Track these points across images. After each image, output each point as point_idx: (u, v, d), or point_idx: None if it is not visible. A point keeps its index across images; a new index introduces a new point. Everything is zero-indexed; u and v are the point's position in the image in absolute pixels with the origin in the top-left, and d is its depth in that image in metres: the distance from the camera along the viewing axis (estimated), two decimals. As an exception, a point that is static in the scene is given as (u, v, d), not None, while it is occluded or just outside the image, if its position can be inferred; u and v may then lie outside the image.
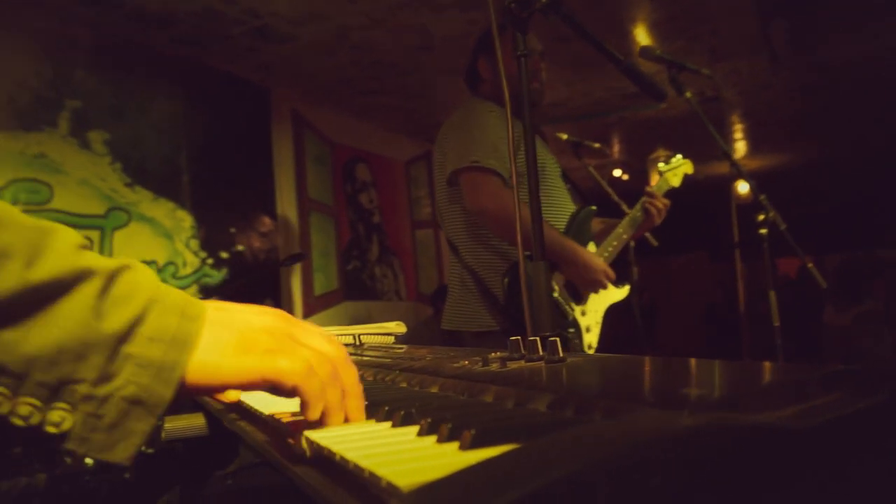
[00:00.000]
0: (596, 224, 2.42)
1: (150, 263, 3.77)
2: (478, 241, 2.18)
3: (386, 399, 0.62)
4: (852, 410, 0.42)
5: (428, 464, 0.38)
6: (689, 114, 2.23)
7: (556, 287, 2.11)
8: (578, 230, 2.21)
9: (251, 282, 4.33)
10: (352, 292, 5.19)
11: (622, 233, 2.33)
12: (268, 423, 0.67)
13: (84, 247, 0.55)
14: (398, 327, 1.34)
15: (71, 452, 0.51)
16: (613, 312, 2.33)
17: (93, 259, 0.54)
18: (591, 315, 2.18)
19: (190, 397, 0.57)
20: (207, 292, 4.03)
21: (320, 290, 4.89)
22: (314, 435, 0.51)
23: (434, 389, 0.69)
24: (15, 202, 3.19)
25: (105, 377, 0.51)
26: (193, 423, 1.11)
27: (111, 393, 0.51)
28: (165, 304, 0.56)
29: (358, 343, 1.24)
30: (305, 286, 4.74)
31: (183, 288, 3.97)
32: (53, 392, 0.50)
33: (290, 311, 4.53)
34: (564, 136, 3.16)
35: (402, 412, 0.52)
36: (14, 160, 3.22)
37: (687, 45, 4.29)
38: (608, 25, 3.99)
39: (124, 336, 0.52)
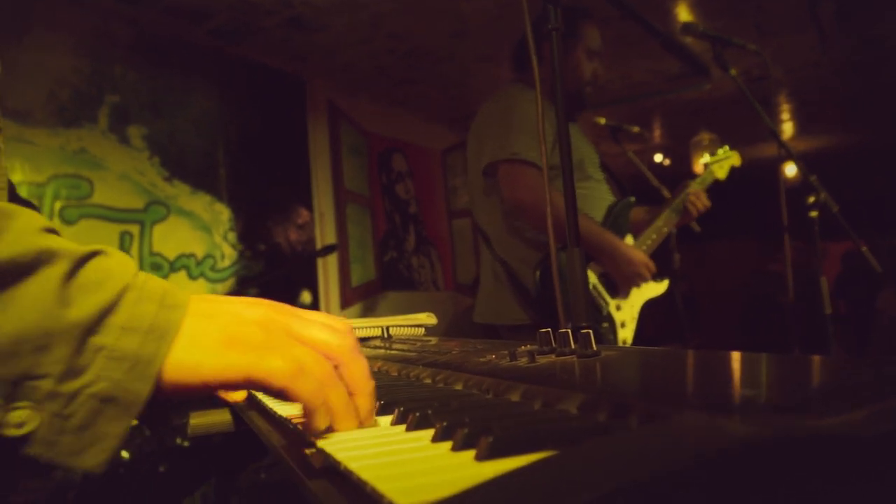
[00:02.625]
0: (639, 213, 2.34)
1: (188, 256, 3.80)
2: (511, 234, 2.13)
3: (403, 398, 0.57)
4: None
5: (438, 478, 0.33)
6: (733, 95, 2.15)
7: (593, 278, 2.04)
8: (615, 222, 2.14)
9: (288, 273, 4.35)
10: (389, 283, 5.17)
11: (662, 225, 2.26)
12: (282, 426, 0.63)
13: (49, 230, 0.49)
14: (429, 319, 1.29)
15: (35, 458, 0.45)
16: (654, 303, 2.25)
17: (58, 242, 0.48)
18: (627, 310, 2.10)
19: (165, 398, 0.50)
20: (245, 284, 4.05)
21: (357, 281, 4.88)
22: (320, 441, 0.47)
23: (458, 386, 0.65)
24: (56, 198, 3.25)
25: (72, 372, 0.45)
26: (219, 419, 1.09)
27: (79, 389, 0.45)
28: (142, 292, 0.50)
29: (386, 336, 1.20)
30: (343, 277, 4.74)
31: (222, 280, 4.02)
32: (14, 388, 0.44)
33: (328, 302, 4.55)
34: (602, 121, 3.07)
35: (417, 414, 0.47)
36: (55, 156, 3.27)
37: (731, 23, 4.12)
38: (648, 2, 3.86)
39: (93, 325, 0.46)
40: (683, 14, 4.04)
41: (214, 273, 3.93)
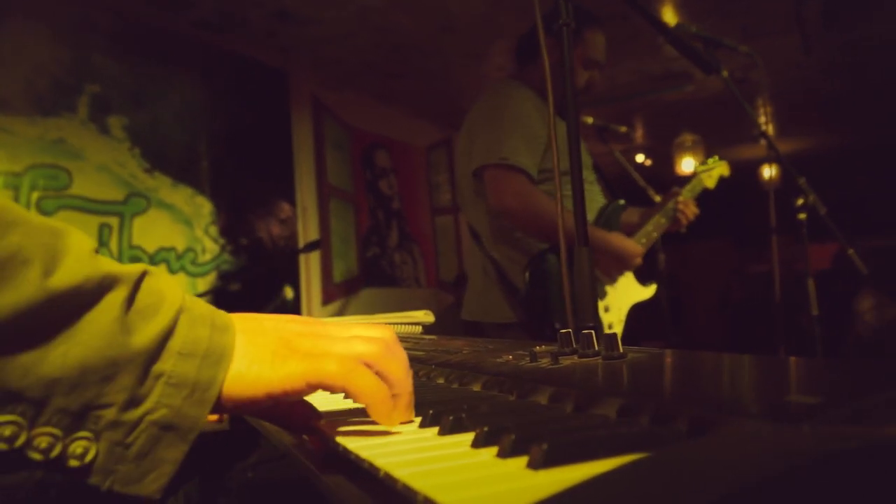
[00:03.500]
0: (629, 216, 2.35)
1: (169, 250, 3.74)
2: (501, 233, 2.11)
3: (428, 399, 0.56)
4: None
5: (495, 489, 0.32)
6: (716, 97, 2.16)
7: None
8: (606, 224, 2.14)
9: (270, 268, 4.30)
10: (371, 279, 5.14)
11: (651, 230, 2.27)
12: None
13: (98, 250, 0.49)
14: (426, 317, 1.27)
15: (94, 487, 0.44)
16: (639, 303, 2.27)
17: (112, 265, 0.47)
18: (615, 312, 2.10)
19: (228, 413, 0.50)
20: (226, 278, 4.00)
21: (340, 277, 4.84)
22: (351, 444, 0.45)
23: (476, 387, 0.63)
24: (34, 188, 3.17)
25: (134, 400, 0.45)
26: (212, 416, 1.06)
27: (141, 417, 0.45)
28: (194, 314, 0.49)
29: (385, 333, 1.18)
30: (325, 273, 4.69)
31: (202, 275, 3.95)
32: (76, 419, 0.43)
33: (309, 298, 4.51)
34: (590, 120, 3.07)
35: (451, 417, 0.45)
36: (33, 146, 3.20)
37: (717, 23, 4.15)
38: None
39: (154, 352, 0.46)
40: (669, 15, 4.06)
41: (195, 267, 3.88)
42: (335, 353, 0.51)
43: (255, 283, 4.14)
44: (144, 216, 3.65)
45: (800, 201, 2.16)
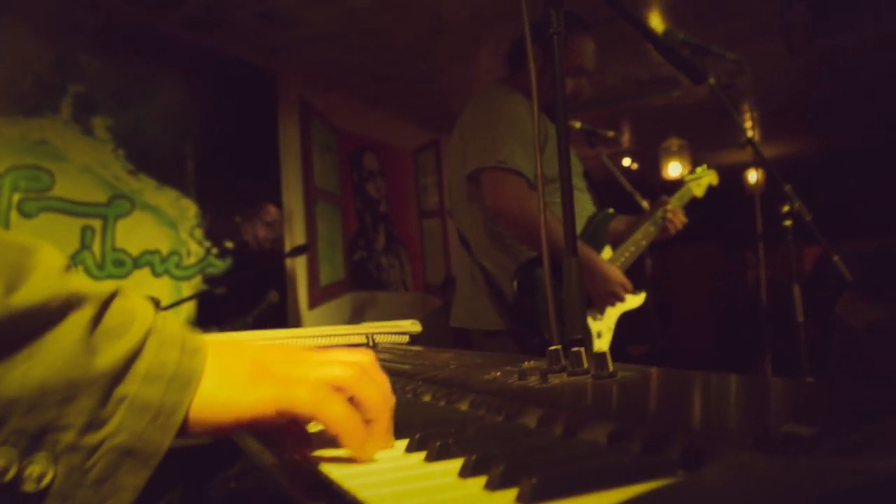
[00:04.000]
0: (619, 223, 2.34)
1: (153, 253, 3.70)
2: (492, 240, 2.09)
3: (415, 420, 0.54)
4: None
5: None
6: (702, 102, 2.17)
7: None
8: (594, 233, 2.14)
9: (256, 272, 4.26)
10: (358, 282, 5.12)
11: (640, 238, 2.26)
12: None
13: (69, 268, 0.47)
14: (413, 326, 1.26)
15: None
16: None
17: (82, 283, 0.46)
18: (604, 320, 2.09)
19: (198, 437, 0.49)
20: (212, 282, 3.96)
21: (326, 280, 4.82)
22: (336, 471, 0.43)
23: (464, 406, 0.62)
24: (15, 189, 3.12)
25: (95, 423, 0.43)
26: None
27: (101, 442, 0.43)
28: (164, 336, 0.48)
29: (371, 343, 1.16)
30: (311, 276, 4.67)
31: (187, 278, 3.91)
32: (34, 441, 0.42)
33: (296, 301, 4.48)
34: (578, 125, 3.07)
35: (439, 443, 0.44)
36: (14, 146, 3.15)
37: (702, 30, 4.18)
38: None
39: (118, 374, 0.44)
40: (656, 21, 4.07)
41: (179, 270, 3.84)
42: (307, 380, 0.50)
43: (240, 286, 4.10)
44: (128, 218, 3.61)
45: (786, 208, 2.17)
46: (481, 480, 0.38)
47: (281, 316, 4.36)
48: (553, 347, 0.65)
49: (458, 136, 2.15)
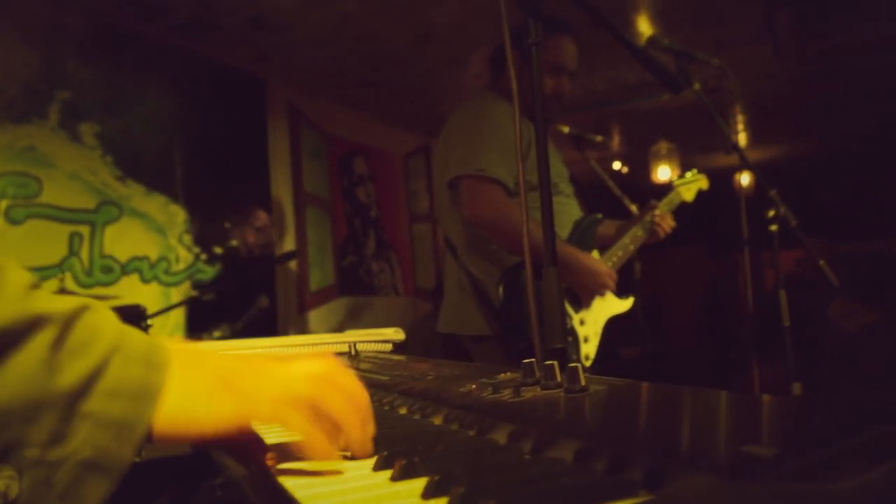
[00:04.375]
0: (606, 228, 2.35)
1: (141, 259, 3.68)
2: (476, 246, 2.10)
3: (386, 434, 0.54)
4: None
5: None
6: (692, 105, 2.17)
7: None
8: (581, 238, 2.14)
9: (246, 277, 4.25)
10: (348, 287, 5.11)
11: (628, 243, 2.27)
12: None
13: (35, 286, 0.47)
14: (396, 334, 1.26)
15: None
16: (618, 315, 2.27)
17: (46, 302, 0.47)
18: (591, 325, 2.10)
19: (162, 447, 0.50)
20: (201, 288, 3.95)
21: (316, 285, 4.81)
22: (300, 492, 0.43)
23: (438, 420, 0.62)
24: (2, 196, 3.10)
25: (58, 439, 0.44)
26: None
27: (65, 457, 0.44)
28: (128, 352, 0.48)
29: (353, 353, 1.16)
30: (301, 282, 4.66)
31: (176, 284, 3.90)
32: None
33: (286, 307, 4.47)
34: (566, 129, 3.08)
35: (404, 462, 0.44)
36: (2, 153, 3.13)
37: (691, 35, 4.20)
38: (610, 16, 3.89)
39: (81, 392, 0.45)
40: (644, 26, 4.09)
41: (168, 276, 3.82)
42: (269, 395, 0.51)
43: (230, 292, 4.09)
44: (116, 225, 3.60)
45: (771, 213, 2.18)
46: (443, 501, 0.38)
47: (271, 321, 4.35)
48: (527, 361, 0.65)
49: (443, 143, 2.16)
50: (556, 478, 0.39)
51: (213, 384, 0.51)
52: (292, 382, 0.52)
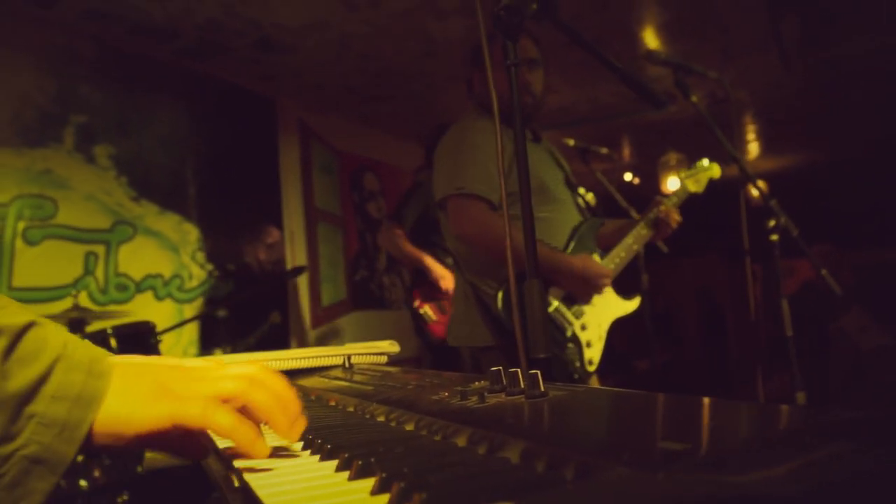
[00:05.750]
0: (609, 228, 2.34)
1: (155, 277, 3.75)
2: (476, 259, 2.14)
3: (350, 441, 0.57)
4: (859, 469, 0.36)
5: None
6: (699, 117, 2.18)
7: (554, 302, 2.05)
8: (580, 243, 2.15)
9: (258, 293, 4.31)
10: (360, 302, 5.15)
11: (632, 243, 2.24)
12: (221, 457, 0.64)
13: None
14: (391, 347, 1.29)
15: None
16: (623, 320, 2.25)
17: (1, 317, 0.53)
18: (594, 329, 2.10)
19: (105, 451, 0.57)
20: (214, 304, 4.01)
21: (328, 300, 4.85)
22: (263, 491, 0.46)
23: (410, 427, 0.65)
24: (20, 218, 3.19)
25: (6, 437, 0.50)
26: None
27: (12, 452, 0.50)
28: (71, 362, 0.54)
29: (348, 365, 1.19)
30: (313, 297, 4.71)
31: (189, 301, 3.96)
32: None
33: (299, 322, 4.51)
34: (571, 143, 3.12)
35: (360, 462, 0.47)
36: (19, 176, 3.22)
37: (697, 46, 4.22)
38: (615, 28, 3.93)
39: (28, 395, 0.51)
40: (650, 38, 4.12)
41: (182, 293, 3.89)
42: (199, 395, 0.57)
43: (242, 308, 4.15)
44: (131, 243, 3.67)
45: (772, 223, 2.19)
46: (386, 497, 0.41)
47: (283, 337, 4.40)
48: (494, 368, 0.68)
49: (433, 168, 2.22)
50: (494, 474, 0.42)
51: (150, 389, 0.56)
52: (219, 383, 0.58)
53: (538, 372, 0.61)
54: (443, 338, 2.86)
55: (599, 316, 2.13)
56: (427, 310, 3.39)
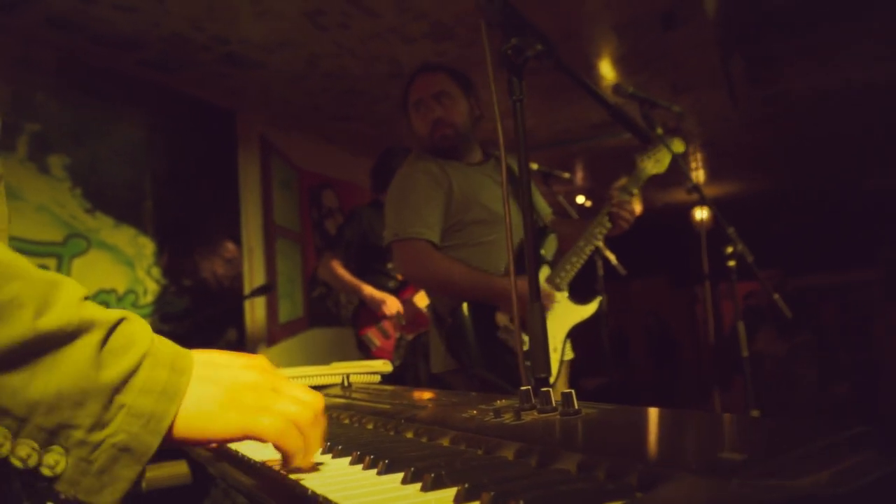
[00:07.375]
0: (566, 229, 2.30)
1: (108, 292, 3.66)
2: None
3: (403, 456, 0.61)
4: (883, 472, 0.43)
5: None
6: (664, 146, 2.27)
7: (503, 322, 2.00)
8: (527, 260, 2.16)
9: (215, 310, 4.24)
10: (316, 319, 5.12)
11: (583, 245, 2.12)
12: (258, 470, 0.67)
13: (87, 298, 0.57)
14: (384, 366, 1.32)
15: (58, 494, 0.53)
16: (580, 339, 2.22)
17: (95, 311, 0.57)
18: (549, 340, 2.08)
19: (173, 447, 0.61)
20: (169, 320, 3.93)
21: (285, 317, 4.81)
22: (333, 495, 0.50)
23: (445, 442, 0.69)
24: (-30, 228, 3.08)
25: (99, 424, 0.54)
26: (175, 471, 1.08)
27: (103, 439, 0.54)
28: (157, 357, 0.58)
29: (346, 384, 1.22)
30: (270, 314, 4.66)
31: (144, 317, 3.86)
32: (51, 436, 0.52)
33: (255, 339, 4.45)
34: (535, 166, 3.23)
35: (433, 475, 0.51)
36: (-31, 185, 3.11)
37: (650, 79, 4.40)
38: (574, 60, 4.07)
39: (119, 386, 0.55)
40: (606, 69, 4.27)
41: (136, 309, 3.80)
42: (273, 412, 0.62)
43: (198, 324, 4.08)
44: (84, 257, 3.58)
45: (729, 249, 2.31)
46: (475, 506, 0.45)
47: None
48: (524, 388, 0.72)
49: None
50: (567, 483, 0.46)
51: (224, 396, 0.61)
52: (292, 405, 0.64)
53: (572, 391, 0.66)
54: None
55: (553, 326, 2.04)
56: (370, 335, 3.42)
